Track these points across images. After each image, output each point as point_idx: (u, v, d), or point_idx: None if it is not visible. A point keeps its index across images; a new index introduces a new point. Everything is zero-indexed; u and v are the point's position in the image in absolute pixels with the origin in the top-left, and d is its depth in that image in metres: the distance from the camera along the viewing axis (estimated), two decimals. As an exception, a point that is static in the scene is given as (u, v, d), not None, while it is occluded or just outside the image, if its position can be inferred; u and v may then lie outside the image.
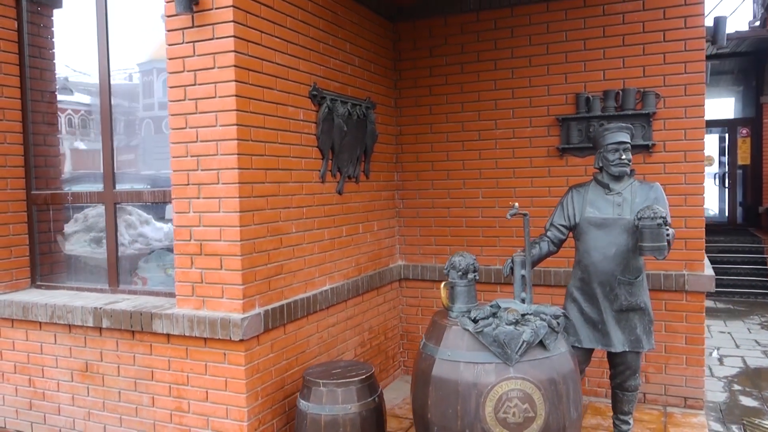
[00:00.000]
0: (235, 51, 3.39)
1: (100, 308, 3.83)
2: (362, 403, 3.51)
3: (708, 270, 4.63)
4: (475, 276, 3.47)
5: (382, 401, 3.70)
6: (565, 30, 4.80)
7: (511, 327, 3.17)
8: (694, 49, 4.47)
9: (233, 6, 3.38)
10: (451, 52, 5.16)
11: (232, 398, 3.52)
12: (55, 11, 4.60)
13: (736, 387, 5.33)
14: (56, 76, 4.59)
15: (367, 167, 4.86)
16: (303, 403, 3.55)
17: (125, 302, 3.91)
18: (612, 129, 3.73)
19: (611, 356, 3.81)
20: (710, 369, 5.82)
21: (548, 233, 3.87)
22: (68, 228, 4.49)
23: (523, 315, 3.31)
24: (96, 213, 4.35)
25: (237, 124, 3.41)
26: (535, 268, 4.69)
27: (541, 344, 3.19)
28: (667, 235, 3.32)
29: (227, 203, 3.46)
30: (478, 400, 3.12)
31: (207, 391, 3.60)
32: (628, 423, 3.87)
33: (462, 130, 5.17)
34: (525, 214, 3.48)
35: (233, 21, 3.38)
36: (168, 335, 3.67)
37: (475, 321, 3.25)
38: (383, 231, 5.21)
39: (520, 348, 3.13)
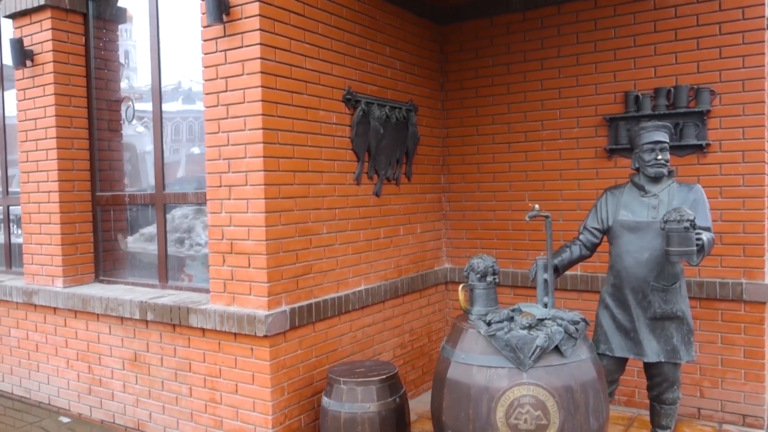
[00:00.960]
0: (261, 58, 3.54)
1: (146, 302, 4.09)
2: (382, 402, 3.54)
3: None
4: (494, 279, 3.41)
5: (405, 402, 3.72)
6: (614, 26, 4.61)
7: (525, 331, 3.10)
8: (753, 41, 4.16)
9: (260, 15, 3.52)
10: (497, 53, 5.09)
11: (258, 392, 3.66)
12: (121, 26, 4.96)
13: (812, 407, 4.89)
14: (120, 86, 4.95)
15: (408, 169, 4.88)
16: (326, 400, 3.63)
17: (169, 297, 4.16)
18: (648, 128, 3.56)
19: (647, 366, 3.63)
20: (786, 387, 5.37)
21: (581, 236, 3.74)
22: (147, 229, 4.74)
23: (541, 320, 3.23)
24: (181, 214, 4.55)
25: (263, 128, 3.55)
26: (567, 273, 4.58)
27: (558, 350, 3.10)
28: (698, 239, 3.12)
29: (254, 204, 3.61)
30: (490, 404, 3.08)
31: (237, 384, 3.75)
32: (666, 438, 3.67)
33: (508, 131, 5.09)
34: (547, 216, 3.39)
35: (260, 29, 3.52)
36: (203, 329, 3.86)
37: (489, 324, 3.20)
38: (428, 233, 5.21)
39: (533, 353, 3.05)
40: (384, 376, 3.59)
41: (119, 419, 4.43)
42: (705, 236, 3.23)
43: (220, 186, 3.74)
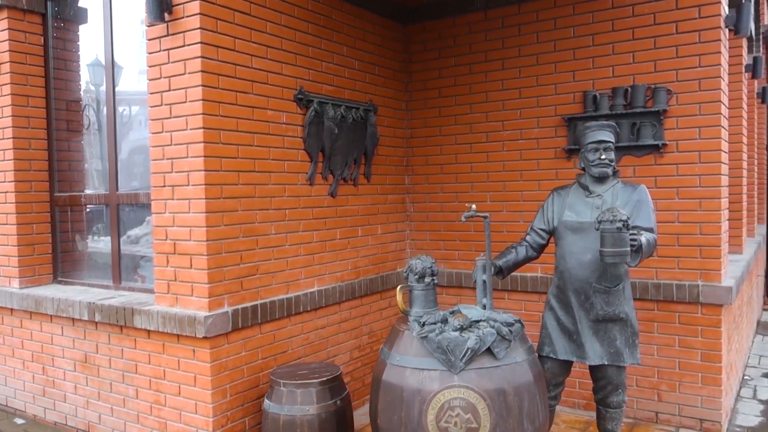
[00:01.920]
0: (202, 57, 3.51)
1: (94, 303, 4.07)
2: (322, 405, 3.50)
3: (727, 281, 4.23)
4: (433, 280, 3.37)
5: (348, 404, 3.67)
6: (573, 25, 4.57)
7: (457, 333, 3.05)
8: (709, 40, 4.11)
9: (201, 14, 3.50)
10: (460, 53, 5.05)
11: (199, 394, 3.62)
12: (81, 27, 4.95)
13: (778, 412, 4.82)
14: (81, 87, 4.94)
15: (368, 170, 4.84)
16: (266, 402, 3.60)
17: (117, 298, 4.13)
18: (592, 127, 3.52)
19: (592, 369, 3.57)
20: (754, 390, 5.30)
21: (527, 237, 3.70)
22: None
23: (475, 321, 3.18)
24: (134, 214, 4.53)
25: (204, 128, 3.53)
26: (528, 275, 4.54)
27: (491, 352, 3.05)
28: (634, 240, 3.07)
29: (195, 204, 3.58)
30: (421, 407, 3.03)
31: (180, 386, 3.72)
32: (612, 443, 3.61)
33: (470, 132, 5.05)
34: (485, 217, 3.35)
35: (200, 28, 3.50)
36: (148, 331, 3.83)
37: (422, 326, 3.16)
38: (390, 234, 5.17)
39: (464, 355, 3.00)
40: (325, 379, 3.55)
41: (71, 421, 4.41)
42: (644, 237, 3.17)
43: (164, 186, 3.71)
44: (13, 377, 4.79)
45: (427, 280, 3.34)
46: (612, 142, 3.49)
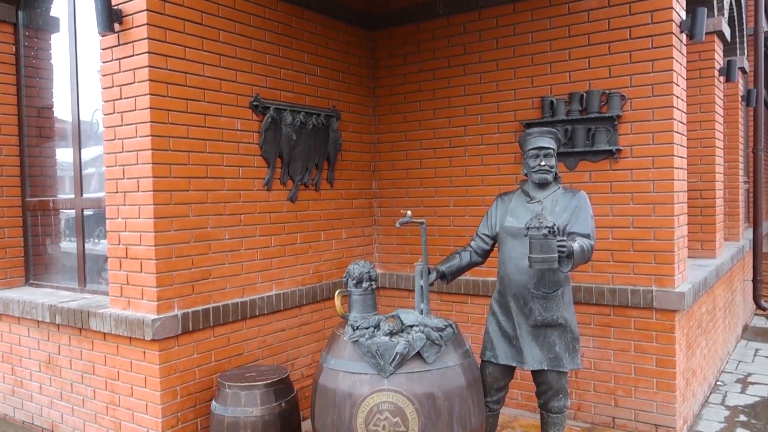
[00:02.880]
0: (150, 66, 3.59)
1: (55, 306, 4.18)
2: (266, 407, 3.56)
3: (683, 286, 4.23)
4: (371, 285, 3.42)
5: (295, 407, 3.74)
6: (532, 31, 4.60)
7: (387, 338, 3.10)
8: (662, 45, 4.11)
9: (148, 24, 3.58)
10: (424, 59, 5.10)
11: (149, 395, 3.70)
12: (54, 35, 5.07)
13: (742, 418, 4.79)
14: (53, 93, 5.05)
15: (330, 175, 4.90)
16: (213, 404, 3.67)
17: (77, 301, 4.23)
18: (533, 134, 3.55)
19: (533, 374, 3.60)
20: (724, 396, 5.27)
21: (472, 243, 3.73)
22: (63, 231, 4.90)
23: (411, 326, 3.23)
24: (97, 219, 4.62)
25: (152, 135, 3.61)
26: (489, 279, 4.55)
27: (421, 357, 3.10)
28: (563, 246, 3.10)
29: (145, 210, 3.66)
30: (352, 410, 3.09)
31: (132, 387, 3.81)
32: (555, 447, 3.63)
33: (434, 137, 5.09)
34: (422, 223, 3.39)
35: (148, 38, 3.58)
36: (104, 333, 3.92)
37: (355, 330, 3.21)
38: (356, 239, 5.23)
39: (393, 360, 3.05)
40: (270, 381, 3.62)
41: (37, 420, 4.52)
42: (577, 243, 3.20)
43: (117, 192, 3.80)
44: (-14, 377, 4.92)
45: (365, 284, 3.40)
46: (552, 149, 3.52)
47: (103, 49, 3.82)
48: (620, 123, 4.28)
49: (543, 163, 3.50)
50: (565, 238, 3.16)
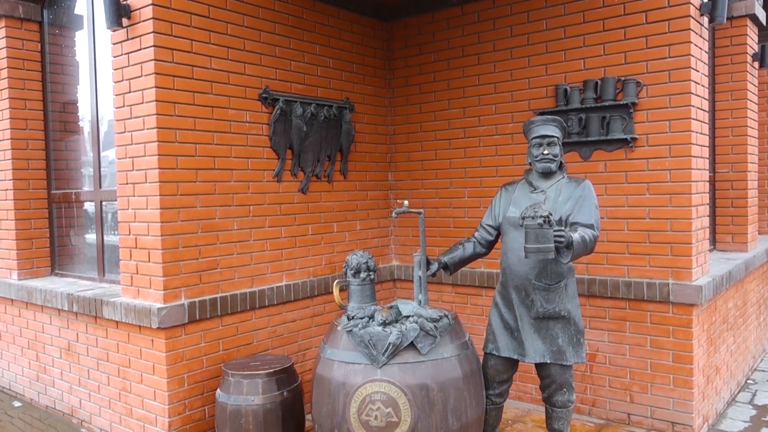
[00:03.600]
0: (155, 60, 3.66)
1: (72, 294, 4.31)
2: (267, 395, 3.60)
3: (701, 279, 4.07)
4: (369, 275, 3.41)
5: (298, 396, 3.76)
6: (546, 18, 4.48)
7: (380, 328, 3.09)
8: (679, 29, 3.96)
9: (153, 18, 3.65)
10: (438, 49, 5.04)
11: (157, 382, 3.79)
12: (78, 33, 5.21)
13: (770, 418, 4.59)
14: (77, 89, 5.21)
15: (344, 167, 4.91)
16: (218, 392, 3.73)
17: (94, 290, 4.35)
18: (537, 122, 3.47)
19: (537, 368, 3.52)
20: (753, 395, 5.06)
21: (476, 234, 3.67)
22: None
23: (407, 317, 3.21)
24: (115, 210, 4.74)
25: (158, 127, 3.68)
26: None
27: (416, 348, 3.07)
28: (560, 237, 3.01)
29: (152, 201, 3.74)
30: (345, 400, 3.09)
31: (142, 375, 3.90)
32: (559, 442, 3.55)
33: (448, 127, 5.03)
34: (419, 213, 3.35)
35: (153, 32, 3.65)
36: (117, 321, 4.03)
37: (350, 320, 3.20)
38: (372, 230, 5.22)
39: (386, 350, 3.04)
40: (272, 370, 3.64)
41: (59, 405, 4.68)
42: (577, 234, 3.11)
43: (127, 183, 3.89)
44: (15, 363, 5.12)
45: (363, 275, 3.39)
46: (557, 137, 3.43)
47: (114, 44, 3.91)
48: (636, 111, 4.14)
49: (546, 152, 3.41)
50: (562, 227, 3.07)
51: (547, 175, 3.47)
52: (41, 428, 4.46)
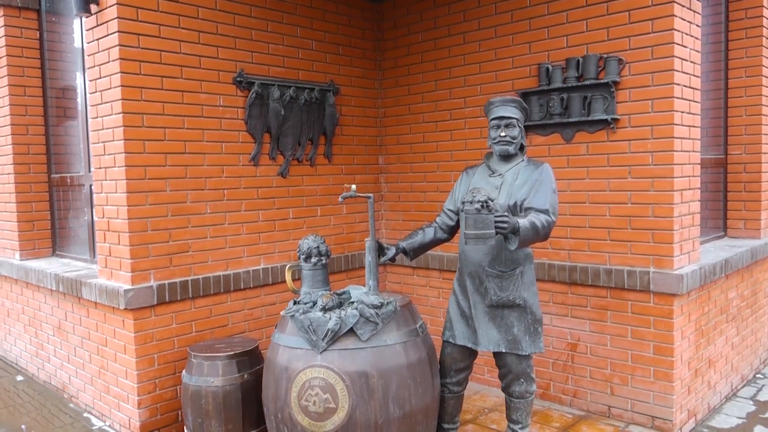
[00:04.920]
0: (120, 45, 3.70)
1: (58, 275, 4.46)
2: (227, 377, 3.63)
3: (685, 268, 3.86)
4: (320, 260, 3.37)
5: (260, 378, 3.76)
6: (529, -7, 4.30)
7: (320, 313, 3.06)
8: (661, 2, 3.72)
9: (118, 3, 3.68)
10: (426, 28, 4.92)
11: (128, 361, 3.88)
12: (75, 20, 5.33)
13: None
14: (75, 75, 5.34)
15: (328, 150, 4.87)
16: (183, 373, 3.79)
17: (79, 271, 4.49)
18: (495, 103, 3.35)
19: (494, 356, 3.42)
20: (758, 390, 4.79)
21: (437, 218, 3.58)
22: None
23: (351, 302, 3.17)
24: None
25: (123, 112, 3.73)
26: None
27: (356, 334, 3.03)
28: (504, 222, 2.90)
29: (120, 185, 3.80)
30: (287, 384, 3.09)
31: (116, 354, 4.01)
32: (518, 434, 3.45)
33: (435, 109, 4.92)
34: (369, 197, 3.29)
35: (117, 18, 3.69)
36: (95, 302, 4.14)
37: (295, 305, 3.19)
38: (360, 215, 5.18)
39: (326, 336, 3.01)
40: (232, 353, 3.67)
41: (53, 381, 4.87)
42: (527, 219, 2.99)
43: (100, 167, 3.98)
44: (19, 339, 5.36)
45: (314, 260, 3.36)
46: (515, 119, 3.30)
47: (86, 30, 3.98)
48: (618, 90, 3.93)
49: (503, 134, 3.28)
50: (505, 213, 2.95)
51: (506, 158, 3.35)
52: (39, 402, 4.65)
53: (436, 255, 4.91)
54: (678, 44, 3.74)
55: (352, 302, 3.16)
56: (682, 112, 3.82)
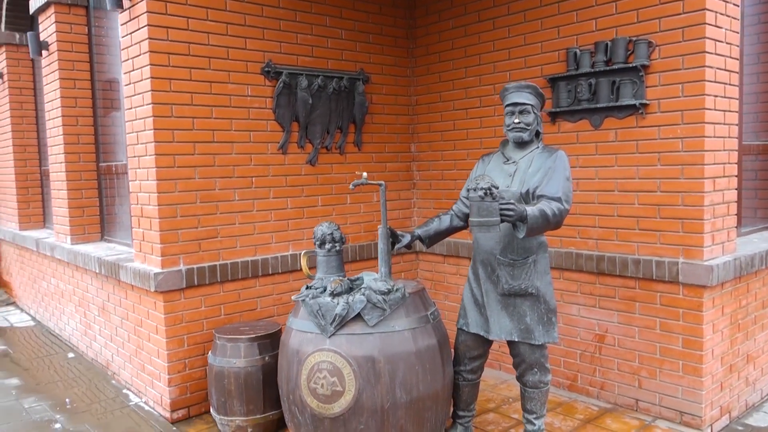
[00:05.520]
0: (150, 38, 3.86)
1: (100, 258, 4.70)
2: (249, 359, 3.75)
3: (717, 259, 3.70)
4: (334, 246, 3.42)
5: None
6: (558, -24, 4.19)
7: (329, 299, 3.12)
8: (693, -19, 3.56)
9: (147, -2, 3.83)
10: (456, 14, 4.87)
11: (159, 342, 4.07)
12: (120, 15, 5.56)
13: (813, 414, 4.12)
14: (119, 69, 5.58)
15: (358, 138, 4.91)
16: (209, 354, 3.94)
17: (119, 255, 4.71)
18: (510, 89, 3.30)
19: (508, 345, 3.39)
20: (805, 389, 4.54)
21: (454, 206, 3.57)
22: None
23: (361, 288, 3.21)
24: None
25: (153, 103, 3.89)
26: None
27: (363, 320, 3.08)
28: (509, 210, 2.86)
29: (151, 173, 3.97)
30: (298, 367, 3.17)
31: (150, 334, 4.20)
32: (532, 423, 3.41)
33: (465, 96, 4.87)
34: (380, 184, 3.31)
35: (147, 12, 3.84)
36: (132, 285, 4.35)
37: (307, 290, 3.26)
38: (391, 203, 5.20)
39: (334, 320, 3.07)
40: (254, 336, 3.79)
41: (99, 358, 5.15)
42: (536, 207, 2.95)
43: (134, 156, 4.16)
44: (71, 319, 5.69)
45: (328, 246, 3.41)
46: (530, 105, 3.25)
47: (121, 25, 4.15)
48: (647, 74, 3.79)
49: (517, 121, 3.23)
50: (511, 201, 2.91)
51: (520, 145, 3.30)
52: (87, 378, 4.93)
53: (466, 243, 4.89)
54: (711, 25, 3.56)
55: (362, 288, 3.20)
56: (715, 96, 3.65)
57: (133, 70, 4.05)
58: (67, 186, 5.45)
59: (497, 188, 2.86)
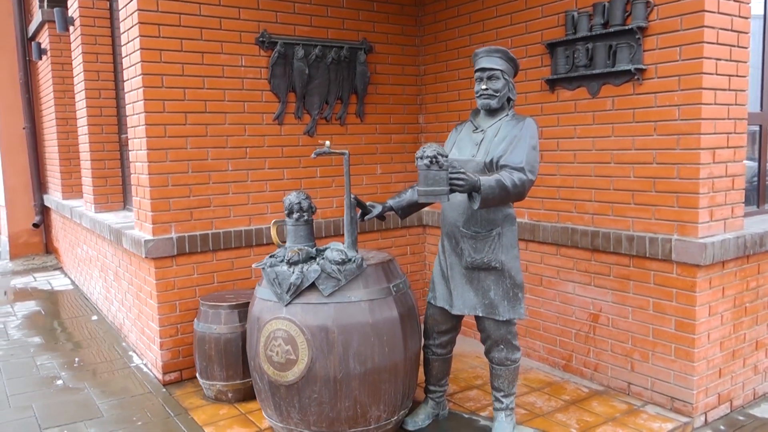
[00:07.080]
0: (139, 9, 3.92)
1: (111, 226, 4.89)
2: (229, 326, 3.82)
3: (714, 237, 3.43)
4: (302, 216, 3.39)
5: (262, 330, 3.92)
6: (559, -66, 3.95)
7: (286, 267, 3.11)
8: (693, -68, 3.26)
9: (136, -33, 3.89)
10: (461, -21, 4.70)
11: (153, 307, 4.20)
12: None
13: (830, 408, 3.79)
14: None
15: (360, 109, 4.85)
16: (195, 320, 4.03)
17: (126, 223, 4.88)
18: (480, 54, 3.16)
19: (475, 320, 3.29)
20: (831, 380, 4.18)
21: (428, 177, 3.46)
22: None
23: (315, 257, 3.19)
24: None
25: (143, 74, 3.97)
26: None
27: (317, 289, 3.06)
28: (461, 180, 2.75)
29: (143, 142, 4.07)
30: (258, 335, 3.20)
31: (146, 299, 4.35)
32: (500, 401, 3.30)
33: (469, 65, 4.70)
34: (344, 153, 3.25)
35: (136, -18, 3.90)
36: (132, 252, 4.50)
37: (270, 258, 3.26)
38: (396, 175, 5.13)
39: (289, 289, 3.06)
40: (234, 303, 3.85)
41: (116, 321, 5.39)
42: (492, 177, 2.82)
43: (132, 126, 4.28)
44: (96, 283, 5.97)
45: (296, 215, 3.39)
46: (500, 70, 3.10)
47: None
48: (645, 37, 3.53)
49: (485, 87, 3.09)
50: (461, 170, 2.79)
51: (490, 112, 3.16)
52: (103, 339, 5.18)
53: (468, 217, 4.76)
54: (711, -19, 3.26)
55: (321, 257, 3.18)
56: (717, 59, 3.35)
57: (128, 42, 4.14)
58: (90, 156, 5.69)
59: (445, 156, 2.75)
